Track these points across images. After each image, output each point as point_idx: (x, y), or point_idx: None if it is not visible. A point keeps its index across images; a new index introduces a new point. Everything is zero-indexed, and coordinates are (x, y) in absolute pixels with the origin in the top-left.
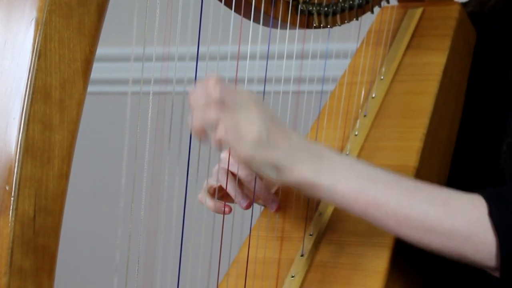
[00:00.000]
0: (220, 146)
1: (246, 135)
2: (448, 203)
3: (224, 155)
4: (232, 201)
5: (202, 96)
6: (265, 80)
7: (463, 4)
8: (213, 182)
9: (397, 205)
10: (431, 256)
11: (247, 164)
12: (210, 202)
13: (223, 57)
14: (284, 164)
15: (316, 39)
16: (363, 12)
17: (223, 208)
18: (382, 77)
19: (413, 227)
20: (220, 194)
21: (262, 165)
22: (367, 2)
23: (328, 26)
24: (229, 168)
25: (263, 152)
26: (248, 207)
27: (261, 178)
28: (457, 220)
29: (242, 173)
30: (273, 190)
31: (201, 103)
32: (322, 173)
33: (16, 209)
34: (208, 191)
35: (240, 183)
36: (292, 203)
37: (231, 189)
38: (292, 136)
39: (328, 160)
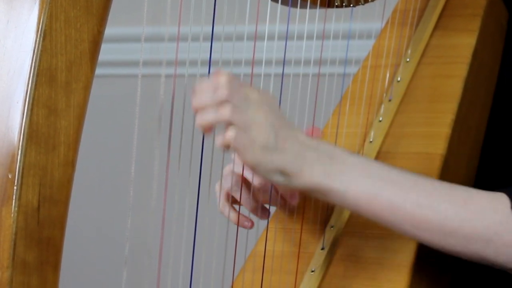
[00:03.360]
0: (226, 148)
1: (254, 140)
2: (469, 205)
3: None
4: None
5: (209, 94)
6: (283, 62)
7: None
8: (227, 186)
9: (414, 208)
10: None
11: (254, 169)
12: (233, 215)
13: (240, 37)
14: (292, 168)
15: (338, 19)
16: None
17: (246, 223)
18: (408, 60)
19: (432, 230)
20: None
21: (269, 170)
22: None
23: (351, 5)
24: (243, 174)
25: (270, 157)
26: (251, 226)
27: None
28: (478, 223)
29: (256, 181)
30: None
31: (209, 101)
32: (333, 176)
33: (19, 198)
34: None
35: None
36: None
37: (246, 202)
38: (301, 137)
39: (339, 162)
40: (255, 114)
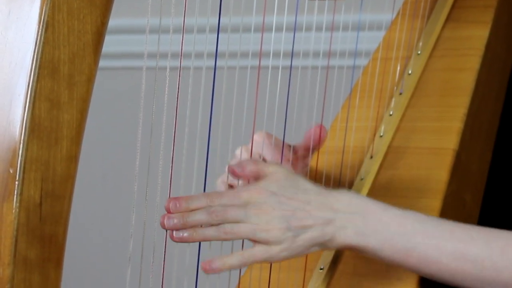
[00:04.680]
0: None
1: (268, 242)
2: (506, 253)
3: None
4: None
5: (202, 215)
6: (292, 54)
7: None
8: None
9: (451, 261)
10: None
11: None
12: None
13: (247, 29)
14: (323, 239)
15: (348, 10)
16: None
17: None
18: (419, 52)
19: (470, 280)
20: None
21: (302, 252)
22: None
23: None
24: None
25: (295, 244)
26: None
27: None
28: None
29: None
30: None
31: (204, 221)
32: (367, 236)
33: (20, 194)
34: None
35: None
36: None
37: None
38: (327, 201)
39: (373, 221)
40: (257, 219)
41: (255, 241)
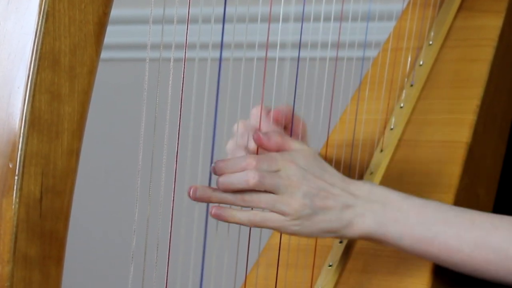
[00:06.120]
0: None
1: (287, 214)
2: None
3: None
4: None
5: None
6: (299, 45)
7: None
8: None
9: (472, 250)
10: None
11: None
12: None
13: (253, 19)
14: (340, 225)
15: None
16: None
17: None
18: (430, 42)
19: (493, 270)
20: None
21: (316, 234)
22: None
23: None
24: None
25: (311, 222)
26: None
27: None
28: None
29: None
30: None
31: (237, 187)
32: (387, 225)
33: (20, 189)
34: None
35: None
36: None
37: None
38: (349, 187)
39: (393, 209)
40: (285, 189)
41: (272, 211)
